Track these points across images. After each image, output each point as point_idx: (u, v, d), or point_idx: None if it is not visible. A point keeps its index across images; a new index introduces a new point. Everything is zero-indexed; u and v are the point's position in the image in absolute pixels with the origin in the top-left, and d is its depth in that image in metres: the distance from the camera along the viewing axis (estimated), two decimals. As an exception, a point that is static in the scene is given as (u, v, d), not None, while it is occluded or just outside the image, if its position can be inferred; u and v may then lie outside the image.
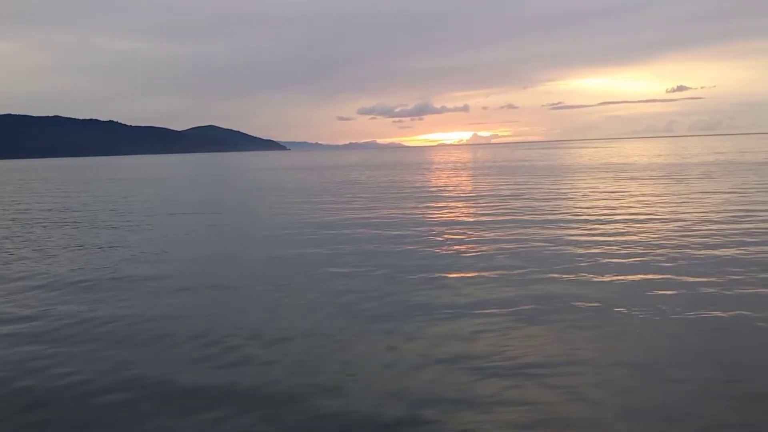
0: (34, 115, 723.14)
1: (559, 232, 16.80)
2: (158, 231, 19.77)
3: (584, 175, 42.63)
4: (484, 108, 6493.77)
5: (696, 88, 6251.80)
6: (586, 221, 18.65)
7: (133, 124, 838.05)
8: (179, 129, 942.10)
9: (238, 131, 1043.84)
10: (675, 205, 22.43)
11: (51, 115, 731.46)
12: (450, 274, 12.06)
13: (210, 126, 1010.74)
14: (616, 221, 18.41)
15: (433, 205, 25.65)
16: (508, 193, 30.10)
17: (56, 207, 30.15)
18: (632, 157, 76.14)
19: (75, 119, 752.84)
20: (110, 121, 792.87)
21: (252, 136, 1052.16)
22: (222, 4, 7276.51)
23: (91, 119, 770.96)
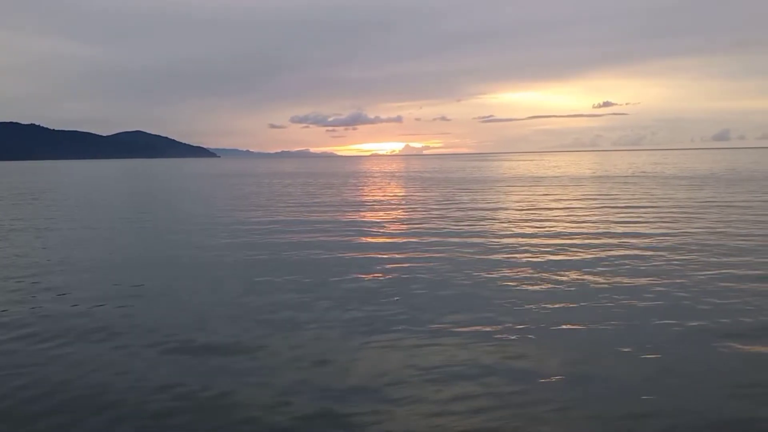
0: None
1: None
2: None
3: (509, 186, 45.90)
4: (417, 119, 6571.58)
5: (621, 104, 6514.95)
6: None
7: (56, 128, 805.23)
8: (105, 134, 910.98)
9: (167, 137, 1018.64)
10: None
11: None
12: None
13: (137, 131, 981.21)
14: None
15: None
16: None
17: None
18: (560, 169, 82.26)
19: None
20: (31, 124, 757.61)
21: (181, 143, 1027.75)
22: (150, 4, 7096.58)
23: (10, 122, 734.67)
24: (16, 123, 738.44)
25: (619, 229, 20.73)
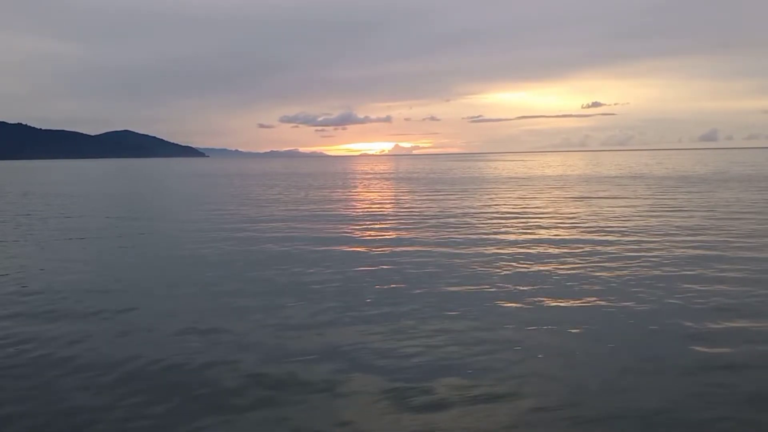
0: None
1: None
2: None
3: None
4: (407, 119, 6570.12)
5: (610, 105, 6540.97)
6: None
7: (43, 128, 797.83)
8: (93, 133, 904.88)
9: (155, 137, 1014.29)
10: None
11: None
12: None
13: (126, 131, 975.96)
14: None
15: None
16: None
17: None
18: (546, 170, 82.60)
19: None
20: (19, 123, 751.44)
21: (170, 142, 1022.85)
22: (139, 3, 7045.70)
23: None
24: (3, 122, 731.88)
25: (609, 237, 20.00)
